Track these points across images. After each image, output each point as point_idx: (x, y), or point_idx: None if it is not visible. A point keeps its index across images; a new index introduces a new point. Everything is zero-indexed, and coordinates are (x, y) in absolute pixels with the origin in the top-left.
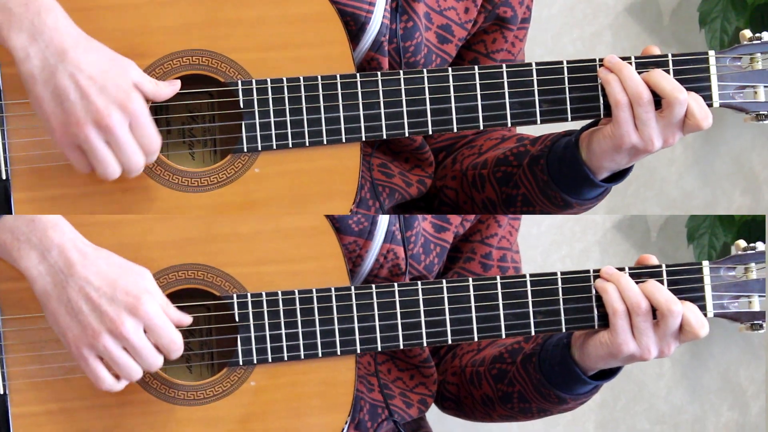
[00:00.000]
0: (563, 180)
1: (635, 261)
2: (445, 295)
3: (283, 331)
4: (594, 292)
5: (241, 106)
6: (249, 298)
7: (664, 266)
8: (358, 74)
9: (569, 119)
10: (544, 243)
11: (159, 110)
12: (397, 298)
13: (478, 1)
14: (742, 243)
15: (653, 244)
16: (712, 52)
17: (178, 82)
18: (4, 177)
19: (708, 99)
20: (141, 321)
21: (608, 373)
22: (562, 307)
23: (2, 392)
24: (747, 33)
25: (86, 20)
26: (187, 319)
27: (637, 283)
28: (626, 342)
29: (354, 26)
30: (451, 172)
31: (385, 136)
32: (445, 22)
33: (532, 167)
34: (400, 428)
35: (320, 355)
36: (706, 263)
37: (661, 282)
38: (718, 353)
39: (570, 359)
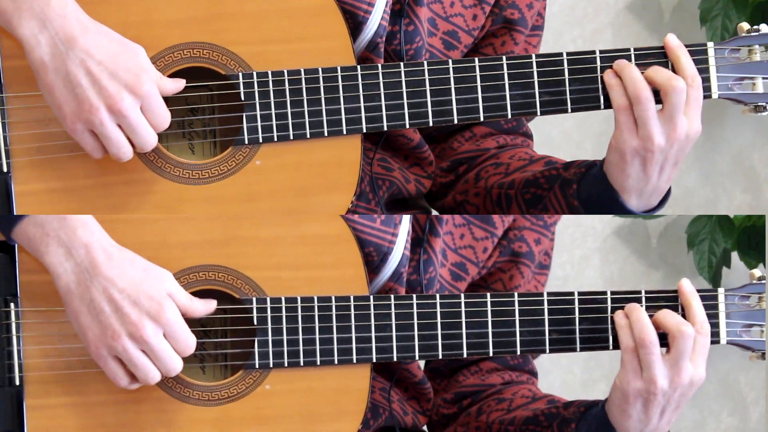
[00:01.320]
0: (594, 206)
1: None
2: (463, 309)
3: (301, 337)
4: (609, 313)
5: (242, 98)
6: (268, 303)
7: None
8: (358, 66)
9: (569, 110)
10: None
11: None
12: (415, 310)
13: (486, 8)
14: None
15: (653, 251)
16: (710, 44)
17: (183, 81)
18: (5, 170)
19: (707, 90)
20: (161, 327)
21: None
22: (577, 327)
23: (18, 384)
24: (745, 25)
25: (88, 13)
26: (212, 304)
27: (653, 307)
28: (634, 378)
29: (351, 24)
30: (474, 188)
31: (385, 128)
32: (451, 28)
33: (564, 191)
34: (397, 429)
35: (336, 362)
36: (721, 290)
37: (676, 309)
38: (717, 359)
39: (608, 422)
